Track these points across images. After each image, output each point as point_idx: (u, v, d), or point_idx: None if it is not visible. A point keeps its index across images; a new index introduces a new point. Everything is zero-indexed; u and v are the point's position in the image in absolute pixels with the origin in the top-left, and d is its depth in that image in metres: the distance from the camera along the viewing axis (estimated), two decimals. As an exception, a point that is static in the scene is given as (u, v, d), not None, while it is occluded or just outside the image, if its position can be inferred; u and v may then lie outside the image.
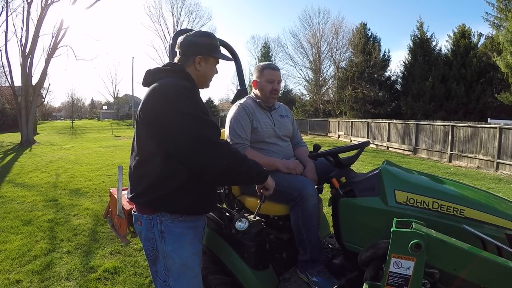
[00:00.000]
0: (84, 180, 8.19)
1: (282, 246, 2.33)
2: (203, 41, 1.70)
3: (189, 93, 1.52)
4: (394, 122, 16.91)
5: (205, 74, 1.73)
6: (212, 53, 1.71)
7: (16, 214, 5.41)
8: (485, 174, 10.33)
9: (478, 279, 1.31)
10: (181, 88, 1.52)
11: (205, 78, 1.75)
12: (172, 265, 1.59)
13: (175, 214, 1.58)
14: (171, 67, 1.66)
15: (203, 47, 1.69)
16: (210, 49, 1.70)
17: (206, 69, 1.72)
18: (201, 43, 1.70)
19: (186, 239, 1.61)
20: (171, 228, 1.58)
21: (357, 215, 1.83)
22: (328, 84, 33.62)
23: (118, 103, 62.16)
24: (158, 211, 1.58)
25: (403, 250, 1.31)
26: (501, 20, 17.80)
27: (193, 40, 1.70)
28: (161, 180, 1.53)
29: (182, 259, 1.59)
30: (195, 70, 1.70)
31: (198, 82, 1.71)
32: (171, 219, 1.58)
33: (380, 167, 1.87)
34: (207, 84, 1.79)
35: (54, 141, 21.73)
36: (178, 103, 1.47)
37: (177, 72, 1.65)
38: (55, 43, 20.12)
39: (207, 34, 1.75)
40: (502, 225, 1.55)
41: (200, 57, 1.68)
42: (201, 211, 1.69)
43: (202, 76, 1.72)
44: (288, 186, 2.09)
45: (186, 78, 1.63)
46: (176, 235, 1.58)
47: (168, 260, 1.59)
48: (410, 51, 24.50)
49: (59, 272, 3.41)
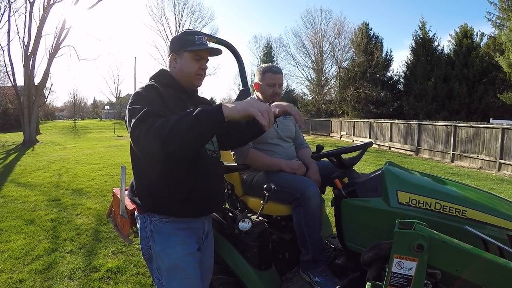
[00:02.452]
0: (87, 179, 8.22)
1: (285, 246, 2.34)
2: (176, 38, 1.69)
3: (144, 91, 1.50)
4: (396, 122, 16.90)
5: (182, 70, 1.66)
6: (183, 47, 1.65)
7: (19, 214, 5.43)
8: (488, 174, 10.31)
9: (479, 280, 1.31)
10: (142, 88, 1.53)
11: (183, 74, 1.67)
12: (162, 265, 1.58)
13: (163, 214, 1.57)
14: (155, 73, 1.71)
15: (175, 44, 1.68)
16: (182, 44, 1.65)
17: (181, 65, 1.66)
18: (174, 41, 1.69)
19: (176, 240, 1.57)
20: (161, 228, 1.57)
21: (359, 215, 1.84)
22: (330, 84, 33.68)
23: (120, 103, 62.17)
24: (148, 211, 1.58)
25: (406, 250, 1.31)
26: (504, 20, 17.77)
27: (171, 41, 1.72)
28: (150, 180, 1.53)
29: (171, 260, 1.56)
30: (173, 68, 1.68)
31: (182, 80, 1.68)
32: (160, 219, 1.57)
33: (383, 168, 1.88)
34: (192, 81, 1.69)
35: (56, 141, 21.79)
36: (133, 100, 1.46)
37: (158, 76, 1.67)
38: (58, 43, 20.16)
39: (183, 32, 1.72)
40: (504, 226, 1.55)
41: (173, 54, 1.67)
42: (191, 214, 1.62)
43: (180, 73, 1.67)
44: (290, 187, 2.11)
45: (165, 83, 1.62)
46: (165, 235, 1.57)
47: (158, 260, 1.59)
48: (412, 51, 24.47)
49: (62, 272, 3.43)
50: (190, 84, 1.70)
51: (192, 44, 1.64)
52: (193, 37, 1.65)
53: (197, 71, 1.68)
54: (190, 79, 1.68)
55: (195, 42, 1.65)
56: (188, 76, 1.67)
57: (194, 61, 1.66)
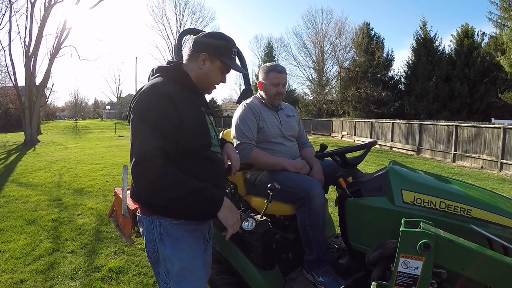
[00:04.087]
0: (88, 179, 8.22)
1: (289, 246, 2.33)
2: (213, 39, 1.61)
3: (156, 100, 1.42)
4: (398, 122, 16.87)
5: (207, 75, 1.60)
6: (219, 54, 1.58)
7: (20, 214, 5.43)
8: (489, 174, 10.28)
9: (485, 278, 1.31)
10: (151, 93, 1.44)
11: (206, 79, 1.61)
12: (172, 268, 1.55)
13: (172, 217, 1.53)
14: (167, 65, 1.62)
15: (211, 46, 1.59)
16: (218, 50, 1.58)
17: (209, 69, 1.59)
18: (210, 41, 1.60)
19: (186, 242, 1.55)
20: (170, 231, 1.53)
21: (363, 215, 1.82)
22: (332, 84, 33.66)
23: (121, 103, 62.27)
24: (157, 214, 1.54)
25: (412, 250, 1.31)
26: (505, 20, 17.75)
27: (205, 37, 1.62)
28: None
29: (182, 262, 1.54)
30: (198, 68, 1.59)
31: (199, 82, 1.61)
32: (170, 222, 1.53)
33: (387, 167, 1.87)
34: (209, 88, 1.67)
35: (57, 141, 21.80)
36: (142, 109, 1.41)
37: (168, 70, 1.59)
38: (59, 43, 20.19)
39: (220, 35, 1.64)
40: (508, 225, 1.55)
41: (206, 54, 1.57)
42: (201, 217, 1.60)
43: (204, 76, 1.60)
44: (294, 186, 2.09)
45: (177, 79, 1.56)
46: (175, 238, 1.54)
47: (167, 263, 1.55)
48: (414, 50, 24.45)
49: (63, 272, 3.42)
50: (204, 89, 1.67)
51: (228, 56, 1.60)
52: (230, 49, 1.61)
53: (217, 82, 1.66)
54: (208, 86, 1.65)
55: (231, 55, 1.61)
56: (207, 82, 1.63)
57: (221, 72, 1.62)
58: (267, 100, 2.46)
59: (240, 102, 2.57)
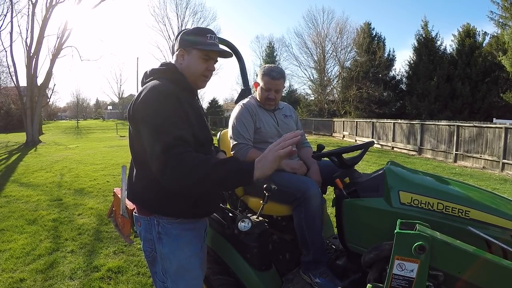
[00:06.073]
0: (89, 179, 8.23)
1: (285, 246, 2.32)
2: (187, 34, 1.62)
3: (165, 98, 1.43)
4: (399, 122, 16.84)
5: (188, 67, 1.59)
6: (193, 44, 1.57)
7: (21, 214, 5.44)
8: (491, 174, 10.25)
9: (482, 281, 1.29)
10: (157, 93, 1.44)
11: (189, 72, 1.60)
12: (169, 267, 1.56)
13: (170, 216, 1.55)
14: (161, 67, 1.62)
15: (184, 40, 1.60)
16: (193, 41, 1.58)
17: (189, 61, 1.59)
18: (183, 37, 1.61)
19: (184, 241, 1.57)
20: (169, 230, 1.55)
21: (361, 216, 1.81)
22: (333, 84, 33.58)
23: (123, 103, 62.31)
24: (155, 213, 1.55)
25: (407, 252, 1.29)
26: (506, 19, 17.71)
27: (180, 36, 1.64)
28: (156, 182, 1.41)
29: (180, 261, 1.56)
30: (179, 65, 1.61)
31: (187, 78, 1.62)
32: (168, 221, 1.54)
33: (384, 168, 1.85)
34: (198, 80, 1.64)
35: (59, 141, 21.84)
36: (154, 109, 1.40)
37: (165, 72, 1.59)
38: (60, 43, 20.21)
39: (193, 29, 1.65)
40: (507, 227, 1.53)
41: (182, 49, 1.60)
42: (199, 214, 1.64)
43: (186, 70, 1.60)
44: (291, 187, 2.08)
45: (173, 79, 1.56)
46: (173, 237, 1.55)
47: (165, 262, 1.56)
48: (415, 50, 24.41)
49: (63, 271, 3.42)
50: (194, 84, 1.65)
51: (203, 43, 1.58)
52: (204, 35, 1.59)
53: (203, 72, 1.62)
54: (195, 79, 1.63)
55: (206, 41, 1.58)
56: (193, 75, 1.61)
57: (202, 60, 1.60)
58: (260, 102, 2.45)
59: (238, 102, 2.56)
